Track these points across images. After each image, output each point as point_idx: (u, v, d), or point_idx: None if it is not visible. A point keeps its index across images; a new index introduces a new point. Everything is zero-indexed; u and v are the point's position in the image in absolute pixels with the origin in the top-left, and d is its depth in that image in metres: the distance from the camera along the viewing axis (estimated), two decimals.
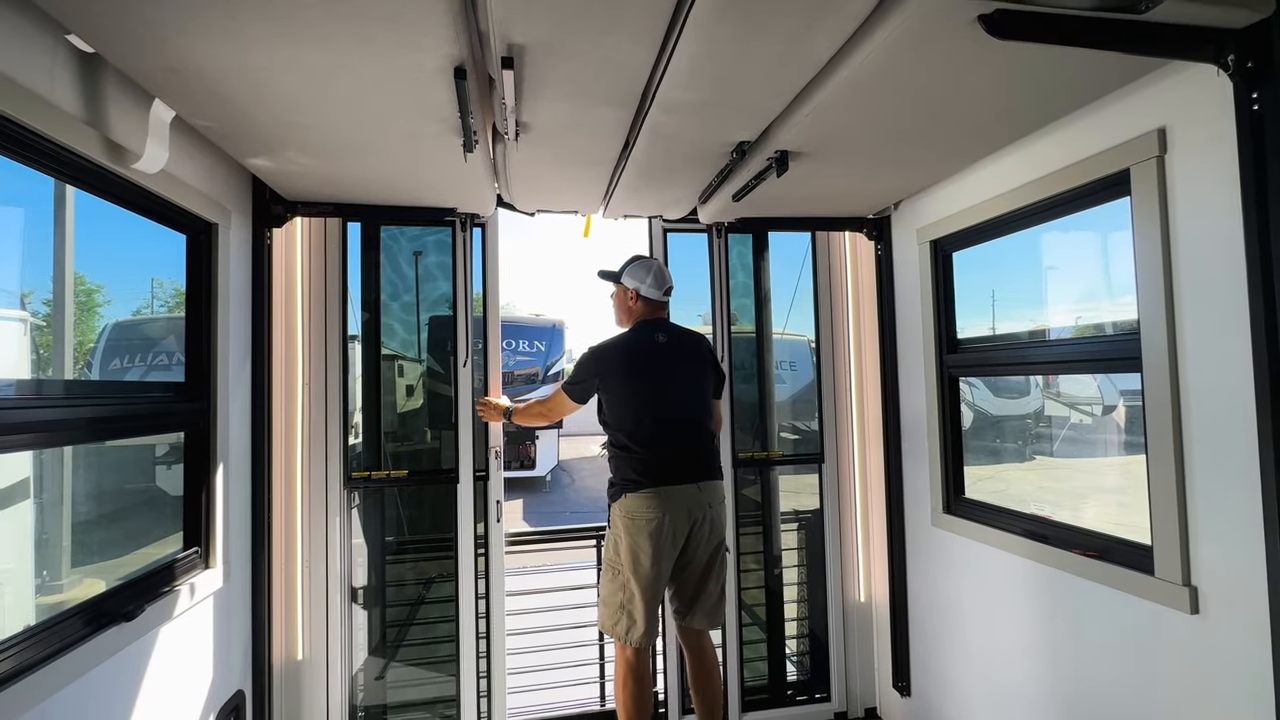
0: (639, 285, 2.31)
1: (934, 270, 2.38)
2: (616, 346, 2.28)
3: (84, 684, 1.36)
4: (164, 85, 1.44)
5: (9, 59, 1.18)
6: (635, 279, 2.31)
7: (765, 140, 1.79)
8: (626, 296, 2.34)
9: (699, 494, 2.16)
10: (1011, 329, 2.73)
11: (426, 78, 1.37)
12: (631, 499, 2.11)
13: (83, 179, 1.46)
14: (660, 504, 2.09)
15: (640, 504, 2.10)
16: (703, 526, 2.16)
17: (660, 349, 2.26)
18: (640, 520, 2.09)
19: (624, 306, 2.37)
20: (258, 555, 2.13)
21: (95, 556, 2.62)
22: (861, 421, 2.84)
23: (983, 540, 2.15)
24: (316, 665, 2.34)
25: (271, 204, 2.19)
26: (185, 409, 1.86)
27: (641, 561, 2.08)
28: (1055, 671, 1.88)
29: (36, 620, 1.36)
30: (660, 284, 2.32)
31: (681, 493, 2.12)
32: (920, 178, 2.23)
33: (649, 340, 2.27)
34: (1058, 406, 5.58)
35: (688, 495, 2.13)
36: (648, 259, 2.38)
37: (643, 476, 2.12)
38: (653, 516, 2.08)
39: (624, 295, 2.35)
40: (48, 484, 2.58)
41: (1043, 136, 1.80)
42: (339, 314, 2.45)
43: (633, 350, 2.26)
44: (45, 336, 3.07)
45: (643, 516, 2.09)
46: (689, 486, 2.14)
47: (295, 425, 2.37)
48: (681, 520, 2.12)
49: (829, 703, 2.73)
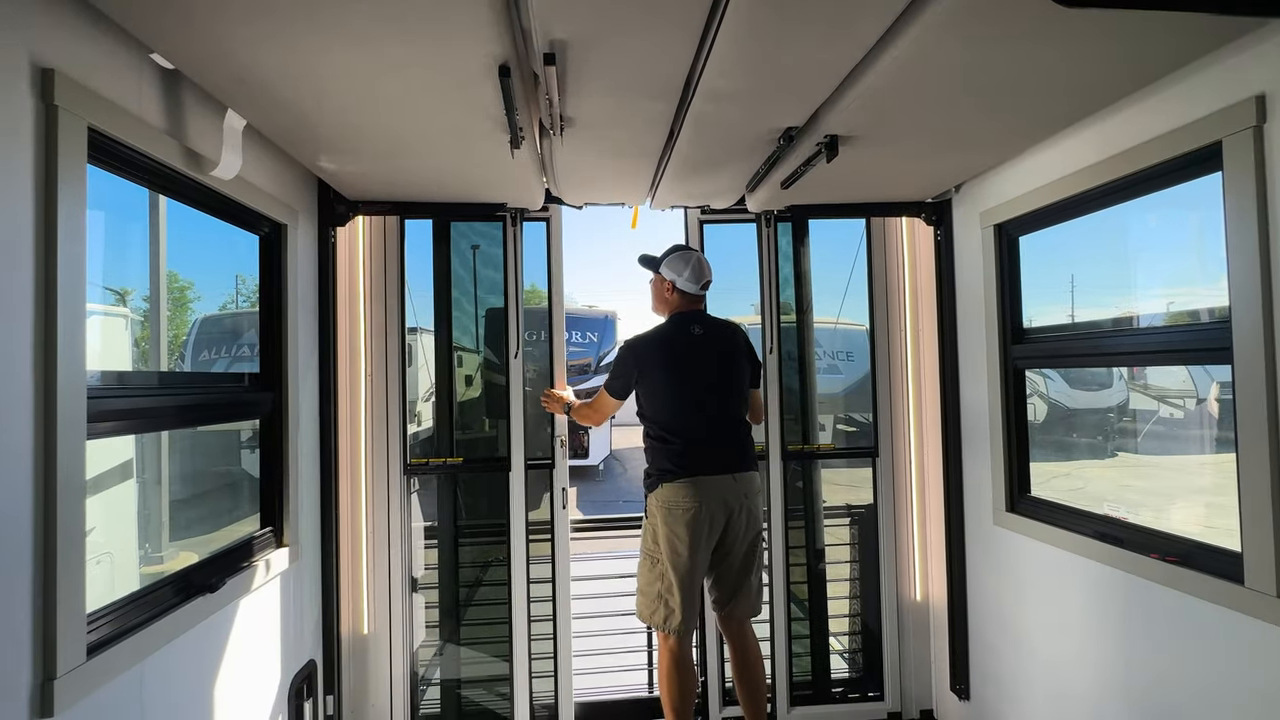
0: (676, 278, 2.29)
1: (998, 256, 2.25)
2: (652, 340, 2.28)
3: (175, 647, 1.50)
4: (235, 95, 1.54)
5: (105, 81, 1.29)
6: (673, 271, 2.30)
7: (813, 125, 1.73)
8: (663, 287, 2.33)
9: (735, 485, 2.15)
10: (1084, 317, 2.55)
11: (472, 77, 1.40)
12: (668, 489, 2.13)
13: (169, 186, 1.59)
14: (697, 494, 2.10)
15: (677, 494, 2.11)
16: (740, 517, 2.16)
17: (696, 341, 2.25)
18: (677, 510, 2.10)
19: (660, 296, 2.36)
20: (326, 535, 2.27)
21: (188, 531, 2.87)
22: (919, 414, 2.73)
23: (1049, 541, 2.03)
24: (380, 639, 2.48)
25: (335, 204, 2.31)
26: (260, 398, 2.00)
27: (679, 551, 2.10)
28: (1128, 682, 1.76)
29: (140, 587, 1.50)
30: (698, 278, 2.29)
31: (717, 483, 2.12)
32: (983, 159, 2.10)
33: (685, 333, 2.26)
34: (1144, 399, 5.17)
35: (724, 486, 2.13)
36: (688, 251, 2.35)
37: (679, 467, 2.13)
38: (690, 506, 2.09)
39: (661, 285, 2.35)
40: (147, 465, 2.84)
41: (1118, 110, 1.66)
42: (398, 308, 2.56)
43: (668, 343, 2.26)
44: (144, 331, 3.37)
45: (680, 506, 2.10)
46: (724, 477, 2.14)
47: (359, 414, 2.50)
48: (719, 511, 2.12)
49: (882, 702, 2.66)
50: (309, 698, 2.13)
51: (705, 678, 2.63)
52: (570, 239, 3.74)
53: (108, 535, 2.32)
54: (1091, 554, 1.86)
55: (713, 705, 2.63)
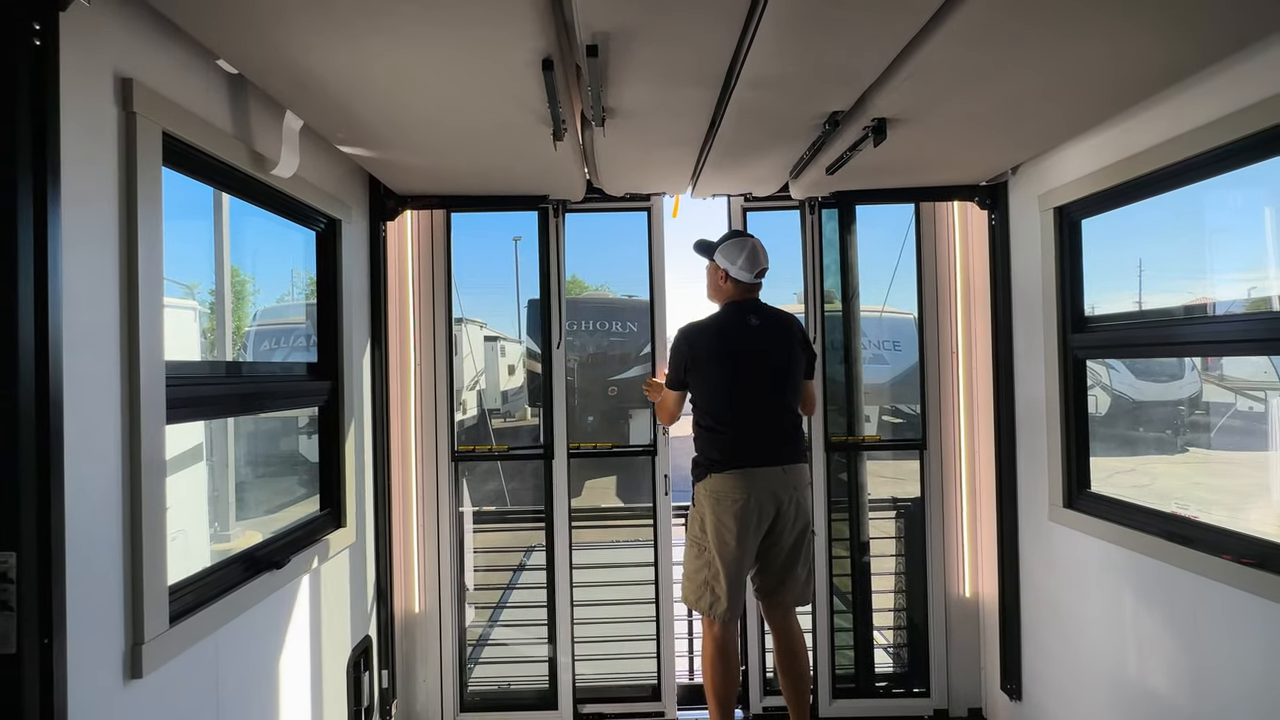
0: (729, 267, 2.25)
1: (1059, 240, 2.14)
2: (706, 328, 2.27)
3: (245, 619, 1.60)
4: (294, 97, 1.61)
5: (177, 88, 1.37)
6: (727, 259, 2.25)
7: (860, 108, 1.68)
8: (717, 275, 2.29)
9: (784, 476, 2.14)
10: (1151, 303, 2.41)
11: (516, 72, 1.42)
12: (717, 479, 2.13)
13: (234, 186, 1.67)
14: (746, 485, 2.10)
15: (726, 484, 2.11)
16: (789, 509, 2.14)
17: (751, 332, 2.22)
18: (726, 500, 2.10)
19: (715, 284, 2.32)
20: (379, 519, 2.37)
21: (253, 512, 3.04)
22: (970, 405, 2.64)
23: (1111, 540, 1.94)
24: (430, 619, 2.58)
25: (385, 199, 2.38)
26: (318, 387, 2.09)
27: (727, 540, 2.10)
28: (1195, 689, 1.68)
29: (211, 563, 1.61)
30: (752, 267, 2.24)
31: (767, 474, 2.11)
32: (1043, 138, 2.00)
33: (740, 323, 2.23)
34: (1219, 391, 4.85)
35: (773, 477, 2.12)
36: (744, 238, 2.30)
37: (729, 458, 2.13)
38: (739, 497, 2.09)
39: (715, 273, 2.30)
40: (215, 449, 3.02)
41: (1197, 83, 1.55)
42: (444, 300, 2.63)
43: (722, 332, 2.24)
44: (210, 323, 3.57)
45: (729, 496, 2.10)
46: (775, 469, 2.13)
47: (408, 402, 2.59)
48: (768, 502, 2.11)
49: (928, 698, 2.61)
50: (365, 671, 2.24)
51: (746, 666, 2.64)
52: (607, 228, 3.75)
53: (182, 514, 2.48)
54: (1157, 554, 1.77)
55: (753, 694, 2.64)
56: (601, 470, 5.88)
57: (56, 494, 1.04)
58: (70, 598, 1.07)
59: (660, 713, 2.63)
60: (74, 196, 1.11)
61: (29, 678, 1.00)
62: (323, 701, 1.98)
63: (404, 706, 2.55)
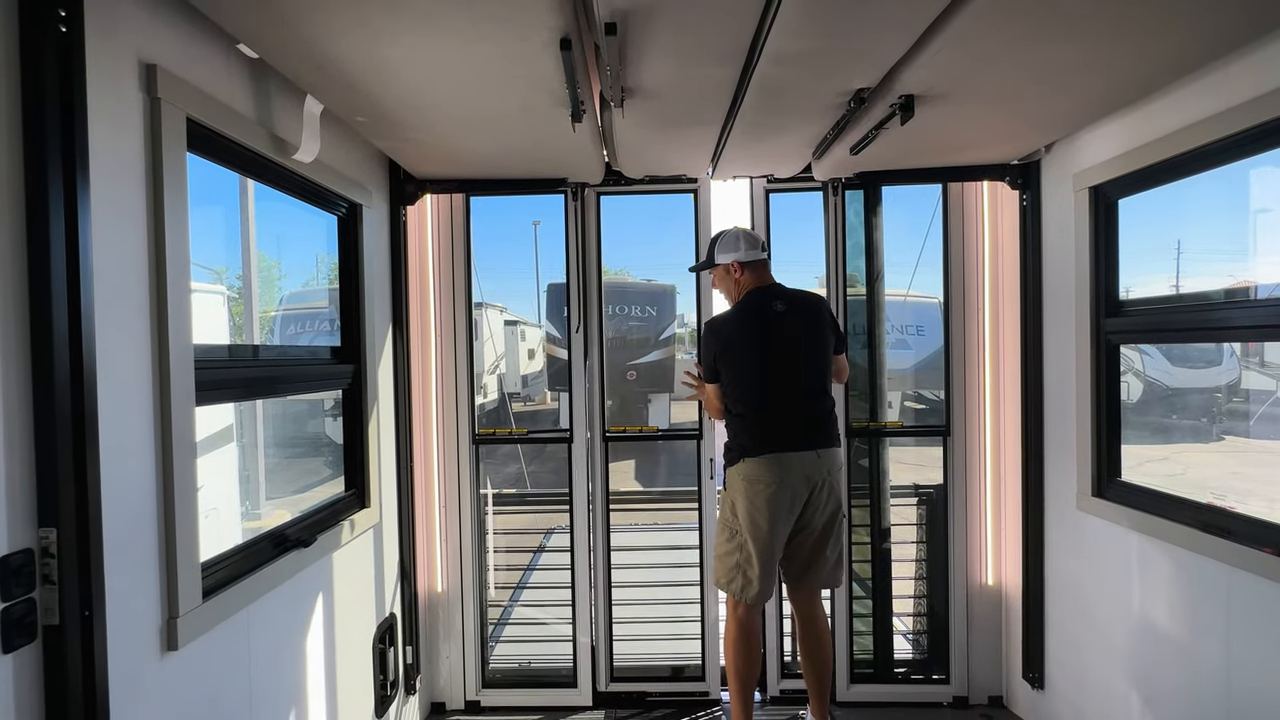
0: (735, 255, 2.23)
1: (1094, 221, 2.07)
2: (732, 317, 2.25)
3: (275, 595, 1.65)
4: (313, 81, 1.61)
5: (199, 73, 1.38)
6: (729, 252, 2.24)
7: (887, 85, 1.63)
8: (730, 273, 2.26)
9: (818, 461, 2.13)
10: (1190, 286, 2.31)
11: (534, 52, 1.40)
12: (751, 464, 2.12)
13: (257, 171, 1.69)
14: (780, 470, 2.09)
15: (759, 469, 2.10)
16: (821, 493, 2.14)
17: (779, 317, 2.19)
18: (759, 485, 2.10)
19: (729, 283, 2.28)
20: (403, 500, 2.42)
21: (281, 491, 3.12)
22: (995, 392, 2.58)
23: (1142, 530, 1.89)
24: (452, 597, 2.64)
25: (405, 183, 2.39)
26: (341, 370, 2.12)
27: (759, 525, 2.10)
28: (1229, 685, 1.64)
29: (243, 541, 1.66)
30: (753, 243, 2.24)
31: (800, 459, 2.10)
32: (1080, 114, 1.92)
33: (764, 308, 2.21)
34: (1261, 378, 4.67)
35: (807, 462, 2.11)
36: (726, 231, 2.29)
37: (761, 443, 2.12)
38: (772, 481, 2.09)
39: (726, 274, 2.27)
40: (245, 430, 3.10)
41: (1246, 54, 1.47)
42: (464, 284, 2.65)
43: (749, 320, 2.21)
44: (238, 306, 3.64)
45: (762, 481, 2.09)
46: (808, 453, 2.12)
47: (430, 386, 2.62)
48: (801, 486, 2.11)
49: (948, 685, 2.60)
50: (390, 647, 2.30)
51: (764, 650, 2.65)
52: (624, 213, 3.73)
53: (215, 493, 2.56)
54: (1191, 545, 1.73)
55: (771, 676, 2.65)
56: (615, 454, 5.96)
57: (93, 473, 1.08)
58: (108, 572, 1.11)
59: (704, 693, 2.68)
60: (102, 182, 1.13)
61: (72, 647, 1.04)
62: (349, 675, 2.04)
63: (428, 681, 2.62)
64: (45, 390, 1.01)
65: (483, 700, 2.63)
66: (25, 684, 1.00)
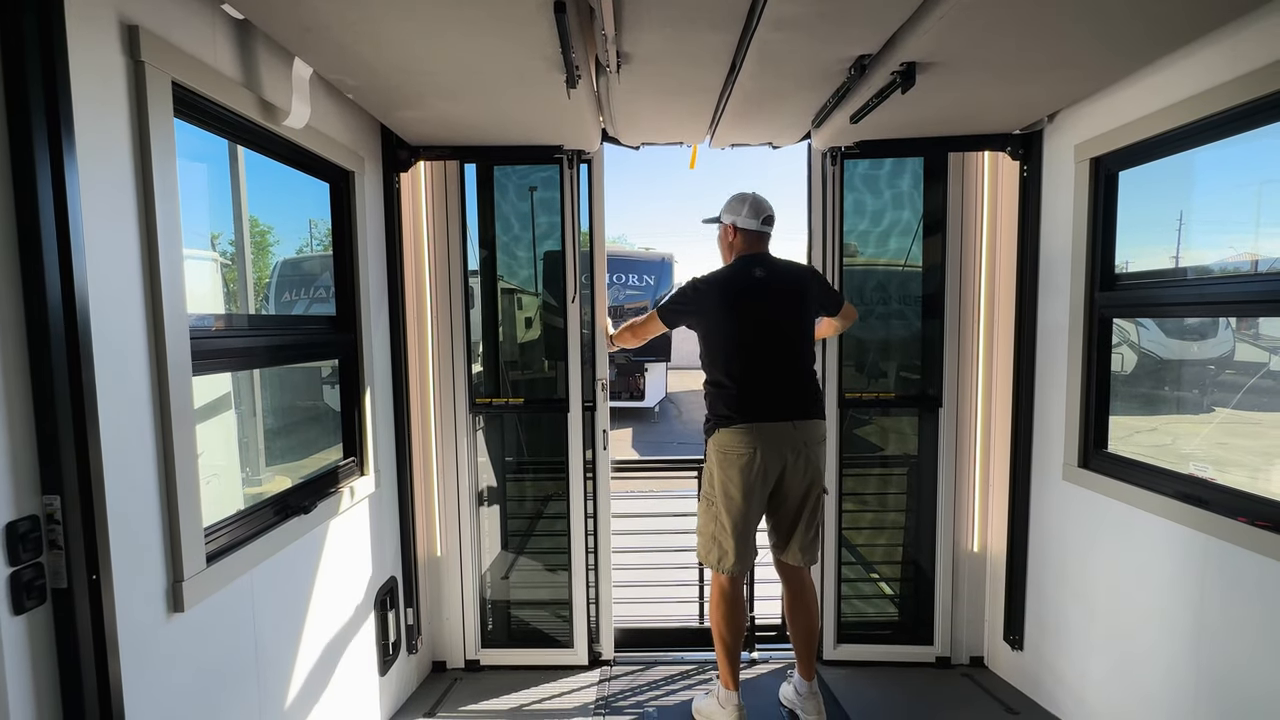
0: (735, 218, 2.24)
1: (1092, 193, 2.05)
2: (713, 282, 2.24)
3: (277, 560, 1.69)
4: (300, 43, 1.57)
5: (183, 35, 1.34)
6: (731, 213, 2.25)
7: (889, 52, 1.60)
8: (726, 233, 2.29)
9: (794, 432, 2.12)
10: (1188, 260, 2.31)
11: (528, 15, 1.37)
12: (725, 434, 2.13)
13: (245, 137, 1.66)
14: (752, 440, 2.09)
15: (733, 439, 2.11)
16: (797, 464, 2.13)
17: (757, 283, 2.19)
18: (732, 455, 2.12)
19: (725, 244, 2.32)
20: (401, 467, 2.45)
21: (281, 459, 3.16)
22: (989, 363, 2.61)
23: (1124, 499, 1.94)
24: (451, 561, 2.70)
25: (398, 150, 2.35)
26: (339, 339, 2.13)
27: (732, 495, 2.12)
28: (1198, 647, 1.70)
29: (244, 507, 1.69)
30: (757, 213, 2.22)
31: (775, 430, 2.11)
32: (1085, 83, 1.89)
33: (746, 275, 2.21)
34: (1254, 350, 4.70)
35: (781, 433, 2.11)
36: (744, 192, 2.28)
37: (735, 412, 2.13)
38: (744, 452, 2.10)
39: (725, 233, 2.30)
40: (243, 398, 3.11)
41: (1255, 21, 1.44)
42: (459, 251, 2.63)
43: (729, 285, 2.22)
44: (231, 273, 3.61)
45: (734, 451, 2.11)
46: (783, 424, 2.11)
47: (426, 355, 2.63)
48: (774, 457, 2.10)
49: (931, 646, 2.69)
50: (391, 609, 2.37)
51: (752, 614, 2.74)
52: (626, 179, 3.68)
53: (215, 459, 2.58)
54: (1170, 514, 1.77)
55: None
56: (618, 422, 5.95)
57: (94, 441, 1.09)
58: (113, 537, 1.13)
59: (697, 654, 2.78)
60: (89, 149, 1.11)
61: (81, 610, 1.07)
62: (352, 637, 2.11)
63: (429, 642, 2.70)
64: (42, 360, 1.02)
65: (482, 659, 2.72)
66: (39, 644, 1.04)
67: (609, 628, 2.75)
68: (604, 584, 2.74)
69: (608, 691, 2.54)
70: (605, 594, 2.75)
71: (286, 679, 1.74)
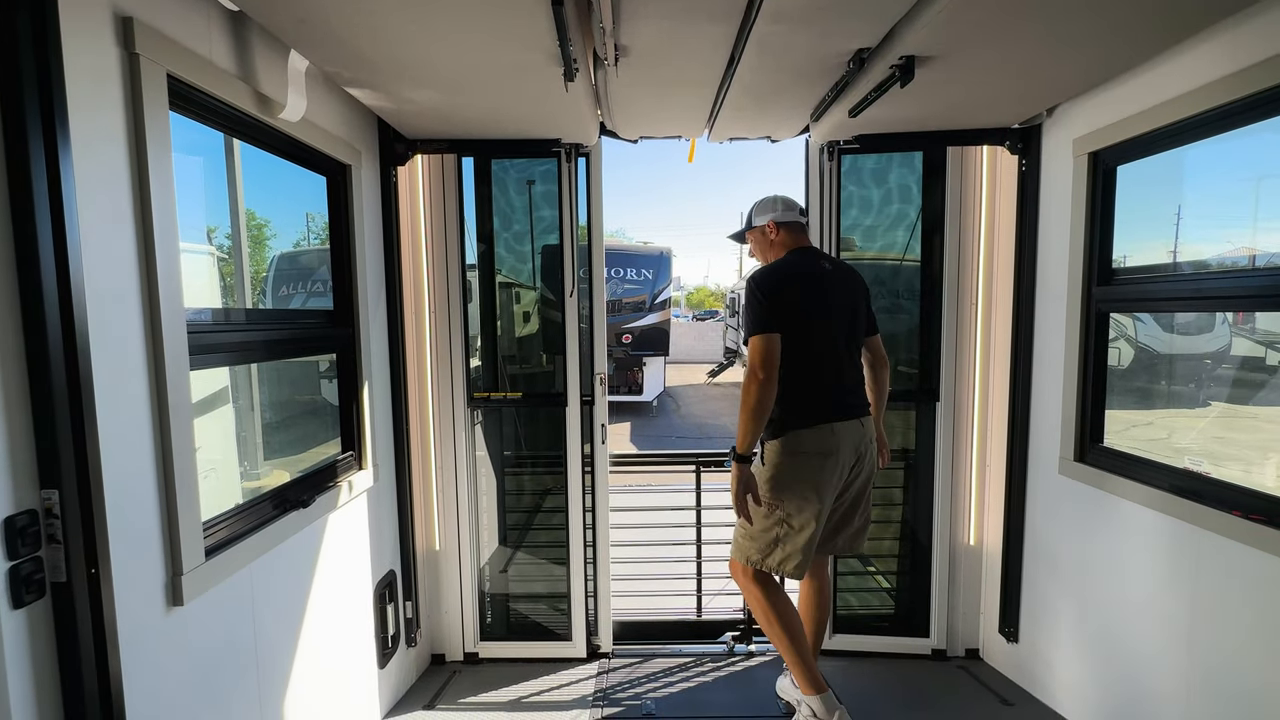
0: (773, 215, 2.16)
1: (1090, 188, 2.05)
2: (782, 271, 2.05)
3: (276, 554, 1.69)
4: (296, 35, 1.56)
5: (177, 26, 1.33)
6: (767, 212, 2.17)
7: (888, 46, 1.60)
8: (765, 234, 2.18)
9: (862, 430, 2.07)
10: (1186, 255, 2.31)
11: (525, 7, 1.36)
12: (804, 435, 2.00)
13: (241, 130, 1.65)
14: (835, 440, 2.00)
15: (815, 440, 1.99)
16: (864, 461, 2.09)
17: (828, 277, 2.09)
18: (815, 456, 1.99)
19: (765, 244, 2.20)
20: (399, 460, 2.46)
21: (279, 453, 3.16)
22: (985, 358, 2.61)
23: (1119, 493, 1.95)
24: (450, 555, 2.71)
25: (395, 143, 2.34)
26: (337, 333, 2.13)
27: (808, 497, 1.98)
28: (1191, 639, 1.72)
29: (243, 501, 1.69)
30: (790, 206, 2.17)
31: (847, 428, 2.03)
32: (1085, 77, 1.89)
33: (816, 267, 2.08)
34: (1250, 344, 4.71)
35: (853, 430, 2.04)
36: (768, 195, 2.24)
37: (817, 411, 2.02)
38: (827, 451, 1.99)
39: (762, 235, 2.19)
40: (241, 392, 3.11)
41: (1255, 16, 1.44)
42: (457, 245, 2.62)
43: (801, 276, 2.06)
44: (228, 267, 3.59)
45: (817, 452, 1.99)
46: (853, 422, 2.05)
47: (424, 349, 2.63)
48: (849, 455, 2.03)
49: (927, 638, 2.71)
50: (390, 602, 2.38)
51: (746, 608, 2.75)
52: (624, 173, 3.66)
53: (213, 453, 2.58)
54: (1164, 508, 1.78)
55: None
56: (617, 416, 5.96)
57: (91, 436, 1.09)
58: (111, 531, 1.14)
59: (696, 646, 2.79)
60: (83, 142, 1.10)
61: (80, 603, 1.08)
62: (351, 630, 2.11)
63: (428, 634, 2.71)
64: (40, 354, 1.01)
65: (481, 652, 2.74)
66: (38, 639, 1.04)
67: (607, 621, 2.77)
68: (602, 577, 2.76)
69: (606, 684, 2.55)
70: (603, 587, 2.76)
71: (286, 672, 1.75)
